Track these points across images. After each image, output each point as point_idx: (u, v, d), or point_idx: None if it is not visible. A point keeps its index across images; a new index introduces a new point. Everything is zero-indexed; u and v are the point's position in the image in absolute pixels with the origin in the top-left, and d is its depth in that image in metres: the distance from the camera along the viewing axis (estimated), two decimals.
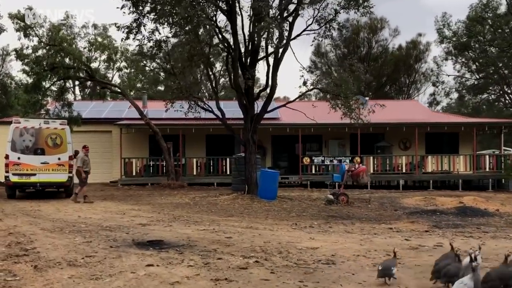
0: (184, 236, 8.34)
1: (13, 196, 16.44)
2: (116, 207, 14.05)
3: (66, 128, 16.61)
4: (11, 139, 15.87)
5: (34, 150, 16.03)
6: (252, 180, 16.10)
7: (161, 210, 13.12)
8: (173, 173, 23.53)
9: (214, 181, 24.52)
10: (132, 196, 17.97)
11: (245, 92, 15.80)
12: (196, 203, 14.94)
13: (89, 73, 21.74)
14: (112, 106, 29.59)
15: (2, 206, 13.96)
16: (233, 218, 11.44)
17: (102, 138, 26.79)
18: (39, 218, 11.18)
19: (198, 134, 26.41)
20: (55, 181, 16.19)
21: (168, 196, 17.86)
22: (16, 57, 20.94)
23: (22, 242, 7.73)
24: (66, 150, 16.35)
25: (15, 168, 15.75)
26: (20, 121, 16.36)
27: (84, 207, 13.81)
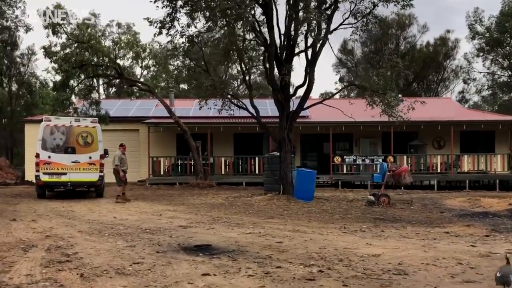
0: (231, 240, 7.80)
1: (43, 195, 16.15)
2: (150, 207, 13.61)
3: (97, 126, 16.26)
4: (42, 137, 15.57)
5: (64, 149, 15.71)
6: (287, 180, 15.51)
7: (197, 211, 12.62)
8: (201, 172, 23.08)
9: (243, 181, 24.00)
10: (163, 196, 17.54)
11: (281, 88, 15.20)
12: (231, 204, 14.41)
13: (117, 71, 21.38)
14: (139, 104, 29.30)
15: (34, 206, 13.64)
16: (274, 220, 10.87)
17: (130, 136, 26.46)
18: (74, 219, 10.77)
19: (226, 133, 25.94)
20: (86, 181, 15.85)
21: (199, 196, 17.40)
22: (45, 54, 20.68)
23: (61, 246, 7.28)
24: (97, 149, 15.99)
25: (46, 167, 15.44)
26: (51, 119, 16.05)
27: (117, 208, 13.40)
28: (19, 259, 6.29)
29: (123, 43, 35.41)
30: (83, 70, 20.67)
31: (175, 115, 22.70)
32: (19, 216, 11.02)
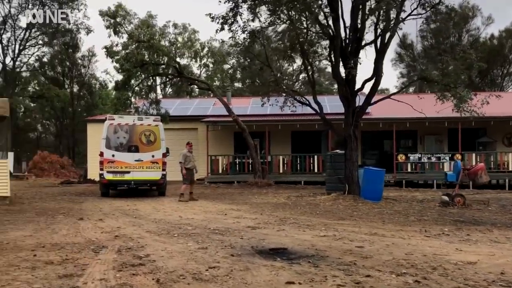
0: (307, 244, 7.31)
1: (107, 194, 16.28)
2: (214, 206, 13.34)
3: (160, 125, 16.21)
4: (106, 136, 15.68)
5: (128, 147, 15.76)
6: (353, 179, 14.84)
7: (262, 210, 12.22)
8: (260, 171, 22.75)
9: (301, 180, 23.46)
10: (224, 195, 17.31)
11: (347, 83, 14.55)
12: (295, 204, 13.92)
13: (177, 69, 21.39)
14: (197, 103, 29.37)
15: (99, 204, 13.69)
16: (345, 221, 10.29)
17: (188, 135, 26.46)
18: (140, 218, 10.62)
19: (283, 131, 25.49)
20: (148, 179, 15.83)
21: (260, 195, 17.04)
22: (106, 54, 20.97)
23: (132, 247, 7.04)
24: (159, 147, 15.94)
25: (110, 166, 15.54)
26: (114, 118, 16.14)
27: (181, 206, 13.22)
28: (91, 262, 6.07)
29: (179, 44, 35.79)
30: (144, 69, 20.80)
31: (234, 113, 22.46)
32: (86, 215, 10.99)
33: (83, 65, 50.94)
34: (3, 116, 12.37)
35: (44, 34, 39.57)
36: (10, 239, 7.58)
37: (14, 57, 39.24)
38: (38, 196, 16.15)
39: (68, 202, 14.19)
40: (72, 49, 48.81)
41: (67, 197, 16.15)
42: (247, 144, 22.60)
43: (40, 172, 34.52)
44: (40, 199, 15.21)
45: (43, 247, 6.93)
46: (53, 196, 16.14)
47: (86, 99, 53.77)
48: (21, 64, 41.76)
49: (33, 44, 40.18)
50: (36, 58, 43.14)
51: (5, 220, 9.71)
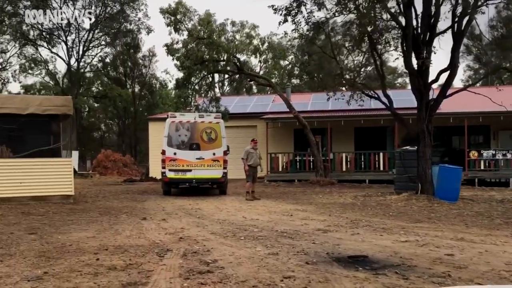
0: (388, 251, 6.59)
1: (168, 192, 16.11)
2: (277, 206, 12.78)
3: (221, 122, 15.85)
4: (167, 134, 15.49)
5: (189, 145, 15.51)
6: (426, 178, 13.82)
7: (330, 211, 11.53)
8: (321, 169, 21.99)
9: (366, 178, 22.47)
10: (286, 194, 16.72)
11: (419, 74, 13.55)
12: (364, 204, 13.12)
13: (237, 66, 21.01)
14: (256, 100, 28.97)
15: (161, 203, 13.47)
16: (424, 224, 9.42)
17: (247, 133, 26.12)
18: (203, 218, 10.22)
19: (346, 127, 24.53)
20: (210, 178, 15.49)
21: (324, 195, 16.31)
22: (167, 52, 20.92)
23: (198, 251, 6.58)
24: (220, 145, 15.59)
25: (171, 164, 15.34)
26: (176, 115, 15.94)
27: (244, 206, 12.76)
28: (156, 267, 5.65)
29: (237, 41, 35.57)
30: (204, 66, 20.56)
31: (294, 109, 21.82)
32: (149, 215, 10.73)
33: (144, 65, 51.87)
34: (67, 115, 12.38)
35: (106, 35, 40.51)
36: (73, 240, 7.34)
37: (78, 58, 40.43)
38: (101, 195, 16.22)
39: (131, 201, 14.09)
40: (134, 50, 49.75)
41: (130, 195, 16.11)
42: (308, 141, 21.90)
43: (103, 170, 35.35)
44: (103, 197, 15.23)
45: (106, 250, 6.61)
46: (116, 195, 16.15)
47: (147, 99, 54.79)
48: (85, 65, 43.04)
49: (96, 45, 41.24)
50: (99, 58, 44.38)
51: (69, 220, 9.59)
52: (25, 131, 12.11)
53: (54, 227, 8.60)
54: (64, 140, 12.45)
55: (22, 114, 11.69)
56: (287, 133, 25.74)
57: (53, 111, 12.12)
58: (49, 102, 12.13)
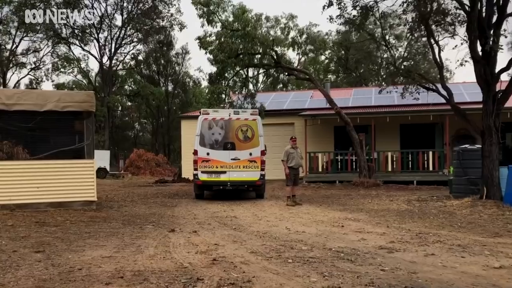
0: (484, 284, 5.01)
1: (201, 196, 14.83)
2: (323, 213, 11.27)
3: (258, 119, 14.44)
4: (200, 132, 14.19)
5: (224, 145, 14.16)
6: (493, 181, 12.03)
7: (385, 221, 9.96)
8: (365, 169, 20.31)
9: (413, 179, 20.63)
10: (329, 198, 15.17)
11: (486, 62, 11.76)
12: (422, 211, 11.45)
13: (274, 59, 19.53)
14: (293, 96, 27.47)
15: (193, 209, 12.15)
16: (506, 240, 7.74)
17: (284, 131, 24.70)
18: (240, 230, 8.82)
19: (390, 124, 22.71)
20: (246, 180, 14.10)
21: (372, 199, 14.69)
22: (200, 45, 19.65)
23: (236, 281, 5.16)
24: (258, 144, 14.18)
25: (204, 165, 14.02)
26: (209, 112, 14.60)
27: (285, 213, 11.30)
28: None
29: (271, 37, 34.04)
30: (238, 60, 19.18)
31: (336, 105, 20.20)
32: (178, 225, 9.41)
33: (177, 62, 51.05)
34: (89, 112, 11.18)
35: (138, 32, 39.65)
36: (84, 262, 6.05)
37: (111, 56, 39.75)
38: (129, 198, 15.05)
39: (160, 206, 12.83)
40: (166, 47, 48.99)
41: (160, 199, 14.90)
42: (352, 139, 20.25)
43: (136, 170, 34.57)
44: (131, 201, 14.05)
45: (121, 278, 5.26)
46: (145, 199, 14.96)
47: (180, 97, 54.01)
48: (117, 63, 42.40)
49: (128, 42, 40.43)
50: (131, 56, 43.68)
51: (86, 232, 8.34)
52: (43, 130, 10.98)
53: (67, 242, 7.35)
54: (88, 140, 11.24)
55: (40, 111, 10.55)
56: (327, 130, 24.14)
57: (73, 107, 10.94)
58: (69, 98, 10.95)
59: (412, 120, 22.29)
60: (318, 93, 28.40)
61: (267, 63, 20.38)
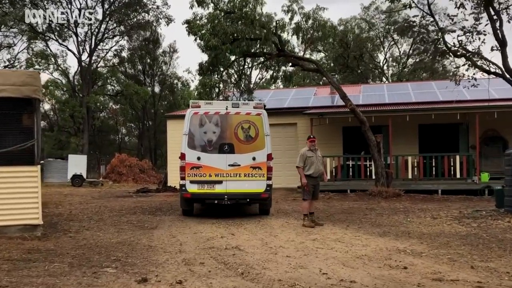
0: None
1: (190, 212, 11.59)
2: (360, 240, 8.12)
3: (263, 114, 11.26)
4: (188, 130, 10.98)
5: (219, 147, 10.95)
6: None
7: (456, 254, 6.86)
8: (383, 176, 17.23)
9: (438, 188, 17.54)
10: (352, 214, 12.03)
11: None
12: (494, 237, 8.35)
13: (277, 46, 16.40)
14: (294, 93, 24.35)
15: (179, 235, 8.89)
16: None
17: (285, 132, 21.60)
18: (251, 277, 5.62)
19: (408, 124, 19.65)
20: (248, 192, 10.84)
21: (407, 215, 11.64)
22: (188, 30, 16.50)
23: None
24: (263, 146, 11.00)
25: (194, 173, 10.80)
26: (200, 104, 11.30)
27: (307, 241, 8.11)
28: None
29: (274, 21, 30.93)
30: (235, 46, 16.02)
31: (350, 101, 17.10)
32: (155, 265, 6.20)
33: (164, 61, 47.73)
34: (32, 99, 7.91)
35: (120, 24, 36.16)
36: None
37: (91, 52, 36.32)
38: (97, 216, 11.77)
39: (135, 229, 9.58)
40: (153, 45, 45.74)
41: (136, 216, 11.63)
42: (368, 141, 17.18)
43: (118, 177, 31.23)
44: (97, 221, 10.77)
45: None
46: (118, 216, 11.68)
47: (168, 99, 50.69)
48: (98, 60, 39.02)
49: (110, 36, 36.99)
50: (114, 53, 40.25)
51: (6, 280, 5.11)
52: None
53: None
54: (29, 139, 7.97)
55: None
56: (335, 132, 21.02)
57: (8, 92, 7.69)
58: (2, 79, 7.70)
59: (433, 120, 19.27)
60: (322, 90, 25.39)
61: (268, 51, 17.23)
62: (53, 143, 35.80)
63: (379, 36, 38.44)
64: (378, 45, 39.61)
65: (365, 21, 37.05)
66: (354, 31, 37.06)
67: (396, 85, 26.50)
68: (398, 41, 39.41)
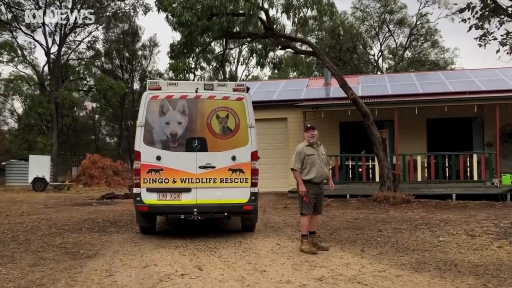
0: None
1: (150, 230, 8.78)
2: (379, 274, 5.46)
3: (246, 99, 8.47)
4: (144, 120, 8.14)
5: (187, 143, 8.11)
6: None
7: None
8: (390, 179, 14.57)
9: (452, 192, 14.84)
10: (362, 230, 9.31)
11: None
12: None
13: (264, 23, 13.63)
14: (284, 85, 21.61)
15: (121, 268, 6.08)
16: None
17: (274, 128, 18.89)
18: None
19: (415, 119, 17.05)
20: (226, 203, 8.02)
21: (431, 230, 9.01)
22: (158, 5, 13.69)
23: None
24: (246, 142, 8.21)
25: (152, 178, 7.96)
26: (161, 85, 8.43)
27: (310, 282, 5.33)
28: None
29: None
30: (213, 23, 13.23)
31: (352, 89, 14.37)
32: None
33: (144, 56, 44.67)
34: None
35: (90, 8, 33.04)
36: None
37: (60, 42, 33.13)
38: (26, 235, 8.87)
39: (60, 260, 6.70)
40: (132, 38, 42.73)
41: (78, 236, 8.79)
42: (371, 137, 14.53)
43: (89, 179, 28.28)
44: (19, 244, 7.90)
45: None
46: (53, 236, 8.80)
47: None
48: (68, 51, 35.84)
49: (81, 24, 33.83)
50: (87, 45, 37.06)
51: None
52: None
53: None
54: None
55: None
56: (331, 128, 18.33)
57: None
58: None
59: (443, 114, 16.63)
60: (315, 81, 22.72)
61: (253, 31, 14.44)
62: (19, 143, 32.63)
63: (374, 26, 35.99)
64: (373, 37, 37.13)
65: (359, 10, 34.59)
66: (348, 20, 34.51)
67: (398, 75, 23.86)
68: (395, 32, 37.03)
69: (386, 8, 34.31)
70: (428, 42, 36.43)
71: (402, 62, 37.08)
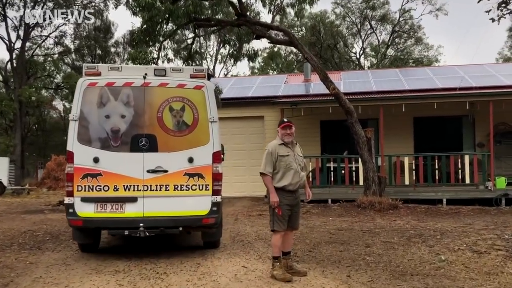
0: None
1: (91, 247, 7.19)
2: None
3: (207, 87, 6.89)
4: (79, 113, 6.56)
5: (132, 141, 6.55)
6: None
7: None
8: (375, 182, 13.24)
9: (442, 197, 13.65)
10: (347, 245, 7.88)
11: None
12: None
13: (237, 10, 12.13)
14: (261, 81, 20.17)
15: None
16: None
17: (250, 127, 17.43)
18: None
19: (401, 117, 15.79)
20: (181, 216, 6.49)
21: (430, 243, 7.70)
22: None
23: None
24: (206, 140, 6.68)
25: (88, 185, 6.39)
26: (101, 70, 6.83)
27: None
28: None
29: None
30: (177, 8, 11.68)
31: (333, 83, 12.96)
32: None
33: (117, 53, 42.76)
34: None
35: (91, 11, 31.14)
36: None
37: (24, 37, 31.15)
38: None
39: None
40: (104, 34, 40.86)
41: (2, 255, 7.16)
42: (355, 136, 13.19)
43: (54, 182, 26.44)
44: None
45: None
46: None
47: None
48: (33, 46, 33.82)
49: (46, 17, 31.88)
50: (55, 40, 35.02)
51: None
52: None
53: None
54: None
55: None
56: (311, 127, 16.94)
57: None
58: None
59: (431, 112, 15.35)
60: (294, 77, 21.33)
61: (224, 18, 12.92)
62: None
63: (355, 23, 34.79)
64: (355, 34, 35.91)
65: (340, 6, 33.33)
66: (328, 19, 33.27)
67: (382, 71, 22.66)
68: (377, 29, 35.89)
69: (368, 4, 33.16)
70: (412, 39, 35.53)
71: (385, 60, 36.02)
